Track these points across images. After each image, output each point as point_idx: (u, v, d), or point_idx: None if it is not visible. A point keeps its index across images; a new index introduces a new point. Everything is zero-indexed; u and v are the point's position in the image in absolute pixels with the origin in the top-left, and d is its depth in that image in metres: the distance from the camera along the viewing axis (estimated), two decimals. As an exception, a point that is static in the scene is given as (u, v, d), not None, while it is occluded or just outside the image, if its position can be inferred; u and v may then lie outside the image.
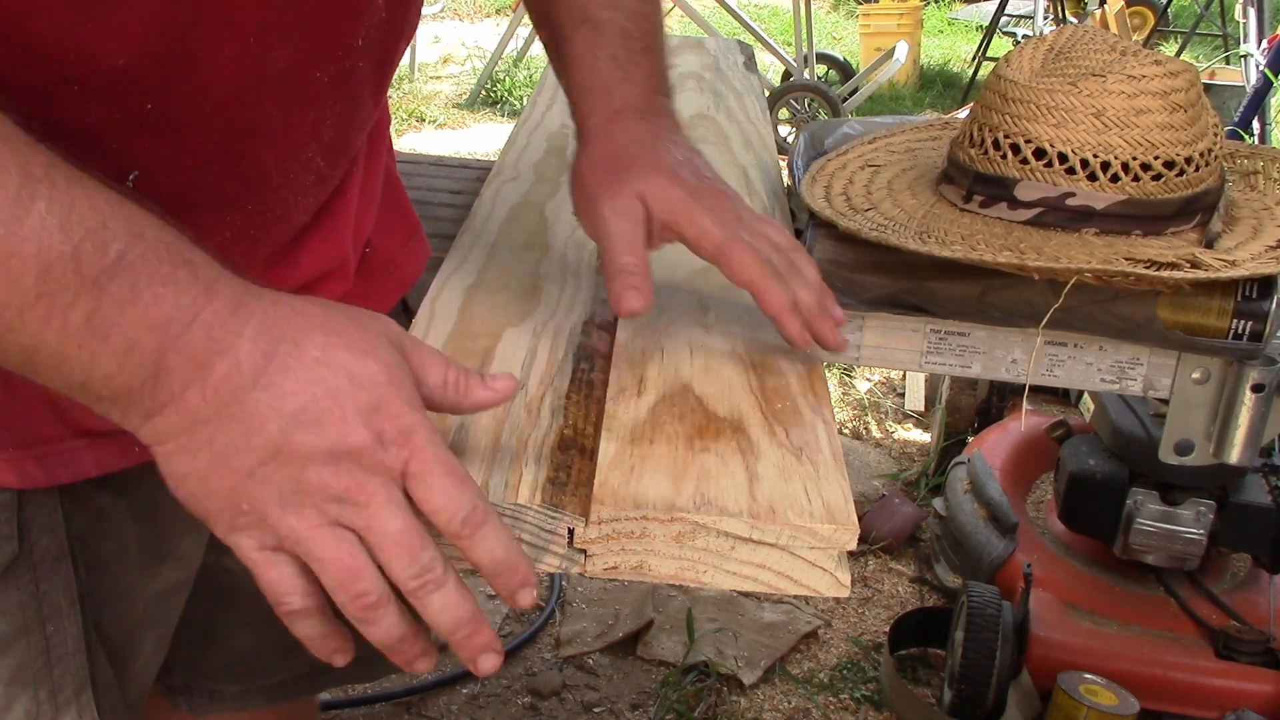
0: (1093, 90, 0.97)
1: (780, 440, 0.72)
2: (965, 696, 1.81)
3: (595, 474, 0.66)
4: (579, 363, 0.81)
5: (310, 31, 0.69)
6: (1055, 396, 2.53)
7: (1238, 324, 0.97)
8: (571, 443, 0.70)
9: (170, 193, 0.65)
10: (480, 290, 0.91)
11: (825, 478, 0.68)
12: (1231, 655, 1.80)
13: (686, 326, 0.86)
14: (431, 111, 5.68)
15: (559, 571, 0.65)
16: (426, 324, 0.84)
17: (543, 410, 0.74)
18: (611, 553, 0.64)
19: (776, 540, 0.64)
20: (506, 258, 0.98)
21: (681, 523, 0.64)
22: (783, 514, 0.64)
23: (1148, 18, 6.80)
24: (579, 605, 2.21)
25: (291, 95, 0.71)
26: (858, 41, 6.69)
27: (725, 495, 0.65)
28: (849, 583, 0.65)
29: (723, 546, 0.64)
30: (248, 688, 1.08)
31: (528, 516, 0.64)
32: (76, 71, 0.61)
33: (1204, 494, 1.84)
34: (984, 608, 1.81)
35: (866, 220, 1.03)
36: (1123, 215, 0.99)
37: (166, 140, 0.66)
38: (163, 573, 0.88)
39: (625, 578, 0.65)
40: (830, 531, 0.64)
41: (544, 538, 0.65)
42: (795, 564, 0.65)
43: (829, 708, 1.99)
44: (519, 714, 1.96)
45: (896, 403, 3.06)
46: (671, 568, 0.65)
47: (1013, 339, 1.04)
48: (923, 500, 2.54)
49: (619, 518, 0.64)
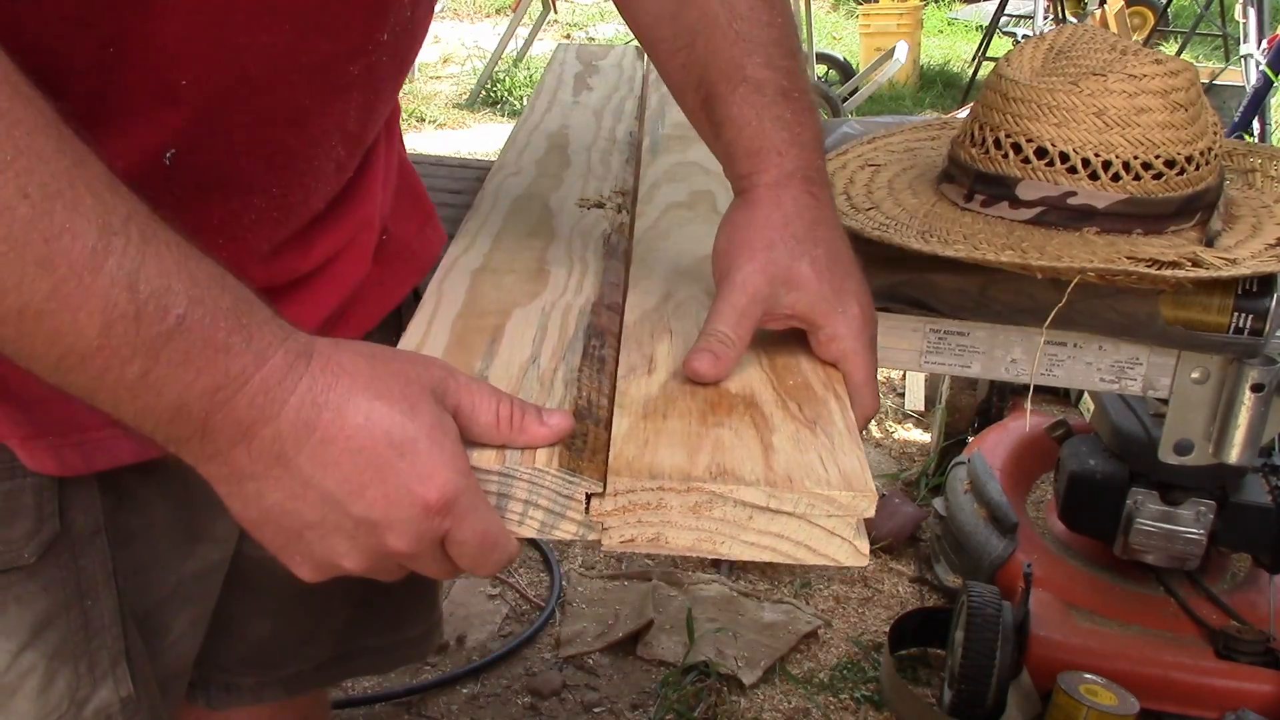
0: (1094, 89, 0.97)
1: (794, 414, 0.71)
2: (965, 696, 1.81)
3: (610, 444, 0.66)
4: (589, 339, 0.80)
5: (345, 24, 0.71)
6: (1055, 396, 2.52)
7: (1238, 319, 0.97)
8: (586, 412, 0.70)
9: (200, 173, 0.67)
10: (487, 273, 0.90)
11: (840, 449, 0.67)
12: (1231, 655, 1.80)
13: (695, 309, 0.85)
14: (431, 111, 5.68)
15: (577, 538, 0.65)
16: (434, 305, 0.84)
17: (555, 382, 0.73)
18: (628, 525, 0.64)
19: (794, 509, 0.63)
20: (512, 244, 0.98)
21: (698, 493, 0.63)
22: (800, 482, 0.63)
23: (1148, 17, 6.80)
24: (579, 605, 2.21)
25: (323, 85, 0.73)
26: (858, 41, 6.70)
27: (741, 465, 0.65)
28: (868, 551, 0.65)
29: (740, 516, 0.64)
30: (265, 680, 1.08)
31: (545, 481, 0.64)
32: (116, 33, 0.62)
33: (1204, 494, 1.84)
34: (984, 608, 1.81)
35: (868, 220, 1.03)
36: (1124, 214, 0.99)
37: (202, 121, 0.68)
38: (199, 552, 0.89)
39: (642, 550, 0.65)
40: (849, 498, 0.63)
41: (562, 503, 0.64)
42: (814, 533, 0.64)
43: (829, 708, 1.99)
44: (519, 714, 1.96)
45: (896, 403, 3.06)
46: (688, 539, 0.64)
47: (1012, 338, 1.04)
48: (923, 500, 2.54)
49: (635, 489, 0.63)
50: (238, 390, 0.58)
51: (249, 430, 0.58)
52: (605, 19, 8.20)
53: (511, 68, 6.08)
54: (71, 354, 0.55)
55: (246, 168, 0.73)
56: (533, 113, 1.45)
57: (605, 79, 1.68)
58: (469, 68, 6.48)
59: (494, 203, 1.09)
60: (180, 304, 0.56)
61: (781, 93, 0.83)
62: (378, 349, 0.64)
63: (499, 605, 2.21)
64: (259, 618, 1.04)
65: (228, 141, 0.70)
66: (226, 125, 0.69)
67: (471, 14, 8.15)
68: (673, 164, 1.23)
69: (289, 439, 0.59)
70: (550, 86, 1.61)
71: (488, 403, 0.64)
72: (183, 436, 0.59)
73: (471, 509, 0.62)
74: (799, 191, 0.81)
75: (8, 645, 0.76)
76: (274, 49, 0.68)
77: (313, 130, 0.75)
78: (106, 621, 0.80)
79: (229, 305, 0.58)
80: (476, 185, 1.18)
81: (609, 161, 1.25)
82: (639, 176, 1.20)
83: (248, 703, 1.09)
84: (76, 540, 0.78)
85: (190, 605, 0.91)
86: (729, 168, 0.85)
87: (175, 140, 0.67)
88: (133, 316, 0.54)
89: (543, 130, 1.36)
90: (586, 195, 1.10)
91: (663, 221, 1.05)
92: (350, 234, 0.86)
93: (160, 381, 0.56)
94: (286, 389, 0.59)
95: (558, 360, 0.76)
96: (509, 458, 0.64)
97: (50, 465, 0.74)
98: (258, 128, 0.71)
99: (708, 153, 1.27)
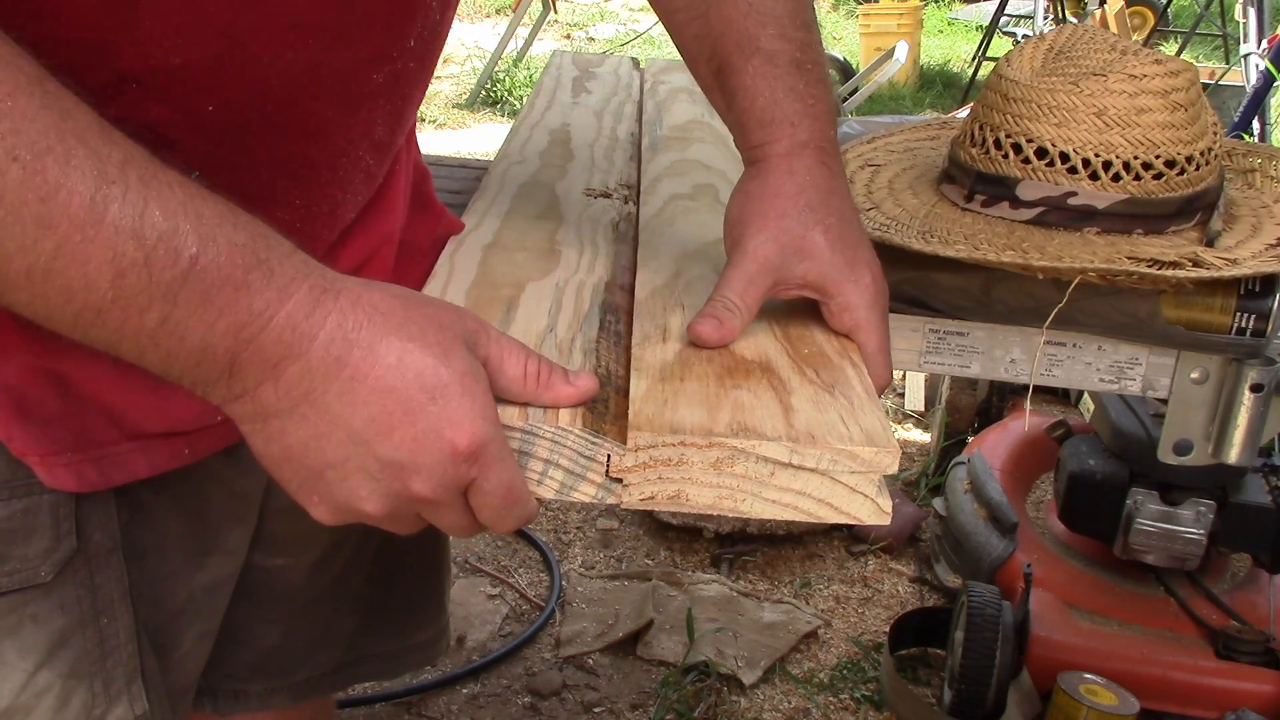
0: (1094, 90, 0.97)
1: (811, 379, 0.71)
2: (965, 696, 1.81)
3: (629, 407, 0.65)
4: (605, 315, 0.79)
5: (369, 33, 0.70)
6: (1055, 396, 2.52)
7: (1241, 320, 0.97)
8: (605, 380, 0.69)
9: (224, 190, 0.66)
10: (498, 249, 0.90)
11: (860, 409, 0.67)
12: (1231, 655, 1.80)
13: (705, 287, 0.84)
14: (431, 111, 5.68)
15: (595, 500, 0.64)
16: (446, 277, 0.83)
17: (574, 351, 0.72)
18: (649, 481, 0.63)
19: (817, 465, 0.63)
20: (522, 224, 0.97)
21: (720, 448, 0.62)
22: (822, 439, 0.63)
23: (1148, 17, 6.80)
24: (579, 605, 2.21)
25: (347, 95, 0.72)
26: (858, 41, 6.70)
27: (763, 423, 0.64)
28: (890, 509, 0.64)
29: (761, 473, 0.63)
30: (273, 686, 1.08)
31: (568, 441, 0.63)
32: (136, 70, 0.61)
33: (1204, 494, 1.83)
34: (984, 608, 1.81)
35: (869, 220, 1.03)
36: (1124, 214, 0.99)
37: (226, 140, 0.67)
38: (209, 565, 0.89)
39: (662, 508, 0.64)
40: (871, 454, 0.63)
41: (582, 464, 0.64)
42: (836, 490, 0.63)
43: (829, 708, 1.99)
44: (519, 714, 1.96)
45: (896, 403, 3.06)
46: (709, 496, 0.64)
47: (1012, 338, 1.04)
48: (923, 500, 2.54)
49: (656, 444, 0.62)
50: (263, 327, 0.56)
51: (277, 366, 0.57)
52: (605, 19, 8.20)
53: (511, 68, 6.08)
54: (88, 309, 0.54)
55: (267, 180, 0.72)
56: (533, 110, 1.45)
57: (603, 84, 1.68)
58: (469, 68, 6.48)
59: (501, 186, 1.08)
60: (191, 244, 0.54)
61: (795, 64, 0.83)
62: (410, 293, 0.63)
63: (499, 605, 2.21)
64: (268, 625, 1.03)
65: (251, 158, 0.69)
66: (249, 142, 0.69)
67: (471, 14, 8.15)
68: (674, 160, 1.23)
69: (319, 375, 0.58)
70: (549, 88, 1.61)
71: (517, 358, 0.64)
72: (210, 379, 0.57)
73: (499, 459, 0.61)
74: (812, 162, 0.81)
75: (23, 664, 0.75)
76: (297, 64, 0.67)
77: (336, 140, 0.74)
78: (122, 639, 0.80)
79: (244, 241, 0.57)
80: (475, 186, 1.18)
81: (612, 157, 1.25)
82: (640, 172, 1.20)
83: (255, 709, 1.08)
84: (93, 558, 0.77)
85: (200, 619, 0.90)
86: (740, 138, 0.85)
87: (199, 163, 0.66)
88: (143, 263, 0.53)
89: (544, 126, 1.36)
90: (593, 186, 1.10)
91: (667, 211, 1.05)
92: (374, 246, 0.86)
93: (181, 325, 0.55)
94: (315, 324, 0.57)
95: (574, 331, 0.75)
96: (532, 415, 0.63)
97: (68, 482, 0.73)
98: (279, 143, 0.70)
99: (708, 151, 1.28)
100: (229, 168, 0.68)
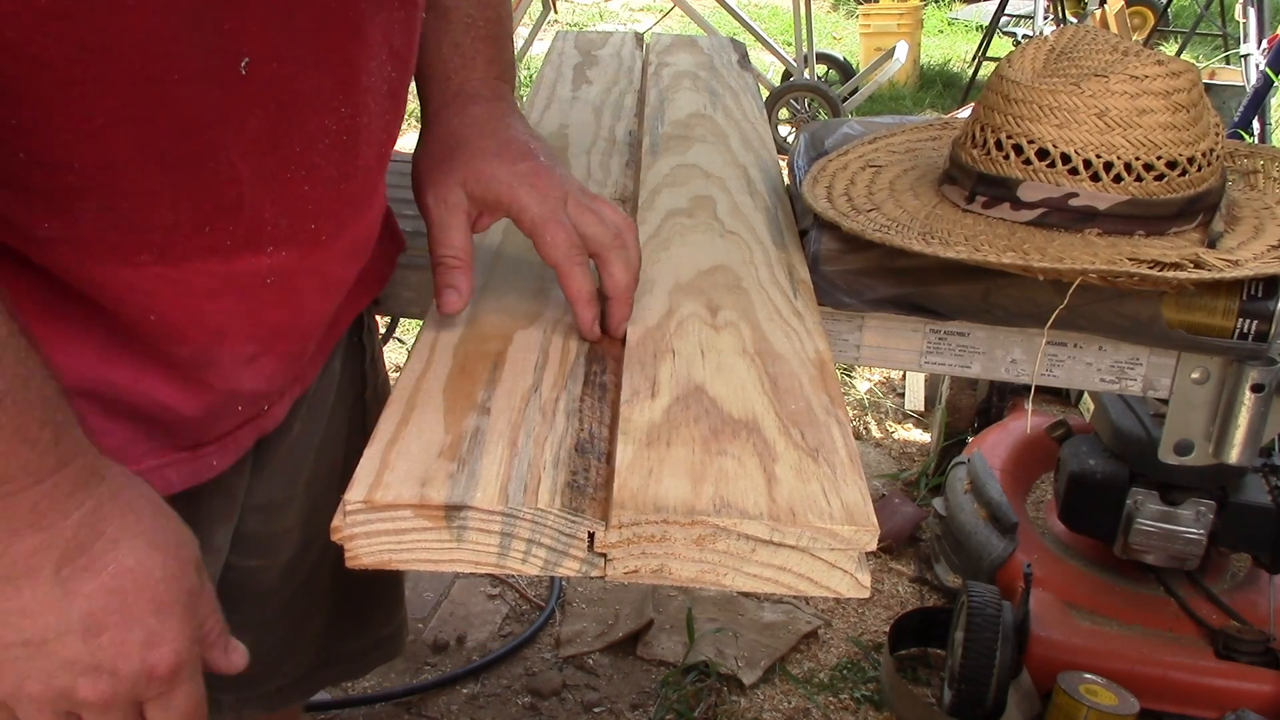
0: (1095, 90, 0.97)
1: (796, 441, 0.71)
2: (965, 696, 1.81)
3: (614, 477, 0.66)
4: (590, 365, 0.80)
5: None
6: (1055, 396, 2.53)
7: (1243, 323, 0.97)
8: (588, 446, 0.70)
9: (277, 88, 0.66)
10: (488, 293, 0.90)
11: (843, 479, 0.68)
12: (1231, 655, 1.80)
13: (696, 328, 0.86)
14: (431, 111, 5.67)
15: (580, 575, 0.65)
16: (435, 331, 0.84)
17: (558, 413, 0.73)
18: (632, 557, 0.64)
19: (797, 542, 0.64)
20: (514, 254, 0.98)
21: (702, 526, 0.63)
22: (803, 516, 0.64)
23: (1148, 18, 6.80)
24: (579, 605, 2.21)
25: None
26: (858, 41, 6.69)
27: (745, 498, 0.65)
28: (869, 583, 0.65)
29: (743, 549, 0.64)
30: (245, 696, 1.07)
31: (548, 521, 0.64)
32: None
33: (1204, 494, 1.84)
34: (984, 608, 1.81)
35: (870, 221, 1.03)
36: (1126, 215, 0.99)
37: (274, 26, 0.66)
38: None
39: (647, 581, 0.65)
40: (851, 533, 0.64)
41: (564, 542, 0.64)
42: (815, 566, 0.65)
43: (829, 708, 1.99)
44: (519, 714, 1.96)
45: (896, 403, 3.06)
46: (692, 571, 0.65)
47: (1012, 339, 1.04)
48: (923, 500, 2.54)
49: (639, 521, 0.63)
50: (25, 489, 0.56)
51: (15, 532, 0.57)
52: (605, 19, 8.20)
53: (511, 67, 6.07)
54: None
55: (317, 82, 0.71)
56: (531, 110, 1.45)
57: (604, 70, 1.67)
58: (469, 67, 6.47)
59: None
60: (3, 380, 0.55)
61: (465, 21, 0.89)
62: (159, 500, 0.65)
63: (499, 605, 2.21)
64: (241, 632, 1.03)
65: (295, 52, 0.69)
66: (293, 32, 0.68)
67: (471, 13, 8.14)
68: (673, 167, 1.23)
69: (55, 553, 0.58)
70: (549, 80, 1.61)
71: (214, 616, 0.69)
72: None
73: (190, 679, 0.64)
74: (465, 107, 0.87)
75: None
76: None
77: (370, 37, 0.74)
78: None
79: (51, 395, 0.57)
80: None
81: (609, 166, 1.25)
82: (639, 180, 1.20)
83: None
84: None
85: None
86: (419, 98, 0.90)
87: (249, 48, 0.65)
88: None
89: (542, 130, 1.36)
90: None
91: (664, 230, 1.05)
92: (378, 215, 0.87)
93: None
94: (74, 503, 0.58)
95: (559, 389, 0.77)
96: (511, 498, 0.64)
97: None
98: (321, 35, 0.70)
99: (707, 154, 1.28)
100: (279, 59, 0.68)
